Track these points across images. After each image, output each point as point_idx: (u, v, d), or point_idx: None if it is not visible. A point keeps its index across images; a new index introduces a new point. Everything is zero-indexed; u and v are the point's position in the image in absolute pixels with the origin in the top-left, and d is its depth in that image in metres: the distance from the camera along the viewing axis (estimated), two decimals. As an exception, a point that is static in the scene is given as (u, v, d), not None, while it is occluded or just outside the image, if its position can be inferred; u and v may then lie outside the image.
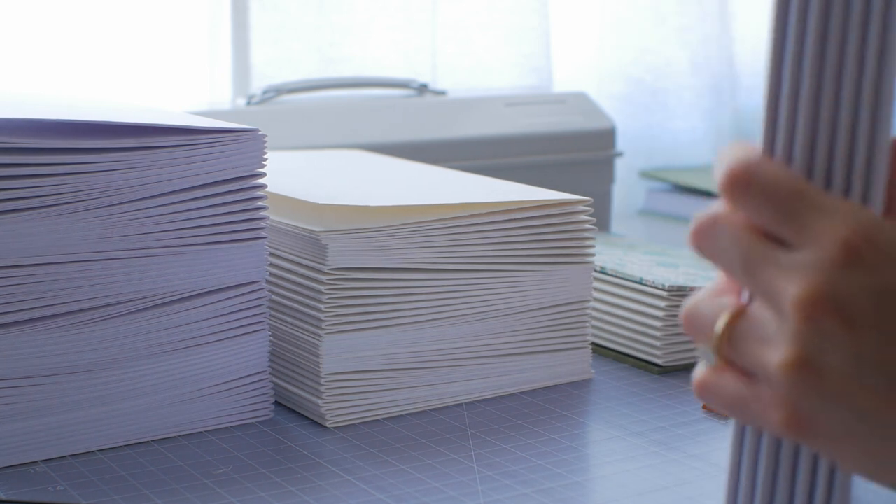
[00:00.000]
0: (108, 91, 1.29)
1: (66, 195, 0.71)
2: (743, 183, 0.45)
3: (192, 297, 0.76)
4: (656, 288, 0.90)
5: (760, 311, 0.45)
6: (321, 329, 0.78)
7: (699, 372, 0.47)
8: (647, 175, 1.56)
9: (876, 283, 0.43)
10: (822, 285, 0.43)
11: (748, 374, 0.46)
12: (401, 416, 0.80)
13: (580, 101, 1.44)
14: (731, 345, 0.46)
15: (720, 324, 0.46)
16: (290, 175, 0.91)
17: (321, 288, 0.77)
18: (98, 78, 1.32)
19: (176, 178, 0.74)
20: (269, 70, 1.40)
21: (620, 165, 1.45)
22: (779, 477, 0.48)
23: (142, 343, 0.75)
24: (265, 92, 1.32)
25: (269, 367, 0.79)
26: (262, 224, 0.77)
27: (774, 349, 0.44)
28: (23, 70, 1.30)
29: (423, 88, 1.40)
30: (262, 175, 0.76)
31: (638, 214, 1.54)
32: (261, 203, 0.77)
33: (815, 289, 0.43)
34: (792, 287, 0.43)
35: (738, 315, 0.46)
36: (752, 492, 0.49)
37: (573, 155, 1.38)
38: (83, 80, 1.30)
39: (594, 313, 0.92)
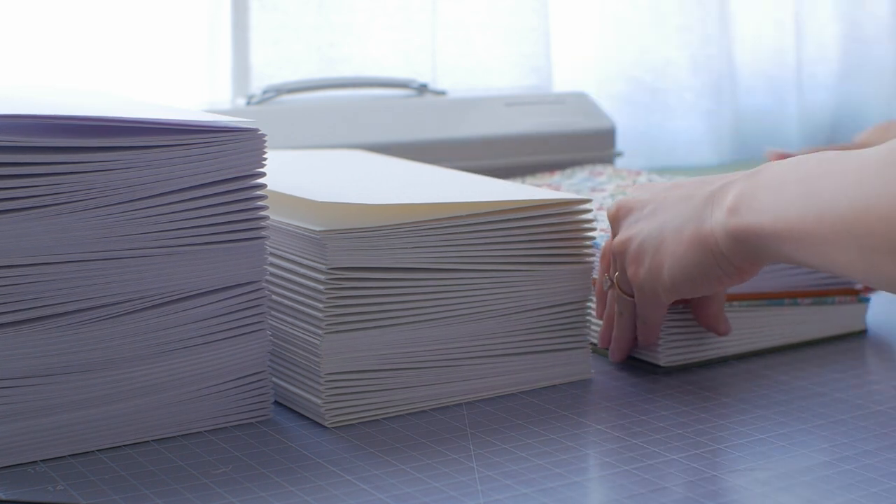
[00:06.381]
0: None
1: (65, 195, 0.71)
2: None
3: (192, 297, 0.76)
4: (656, 288, 0.90)
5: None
6: (321, 329, 0.78)
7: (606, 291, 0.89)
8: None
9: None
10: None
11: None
12: (401, 416, 0.80)
13: (580, 101, 1.44)
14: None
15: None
16: (290, 174, 0.91)
17: (321, 287, 0.77)
18: (98, 78, 1.32)
19: (175, 177, 0.74)
20: (269, 70, 1.40)
21: (620, 165, 1.45)
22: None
23: (142, 343, 0.75)
24: (265, 92, 1.32)
25: (269, 366, 0.79)
26: (262, 224, 0.77)
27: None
28: (23, 71, 1.30)
29: (423, 88, 1.40)
30: (262, 175, 0.76)
31: (638, 214, 1.53)
32: (261, 203, 0.77)
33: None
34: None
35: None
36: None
37: (573, 155, 1.38)
38: (83, 80, 1.30)
39: (594, 313, 0.92)
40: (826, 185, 0.70)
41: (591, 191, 1.16)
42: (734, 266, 0.79)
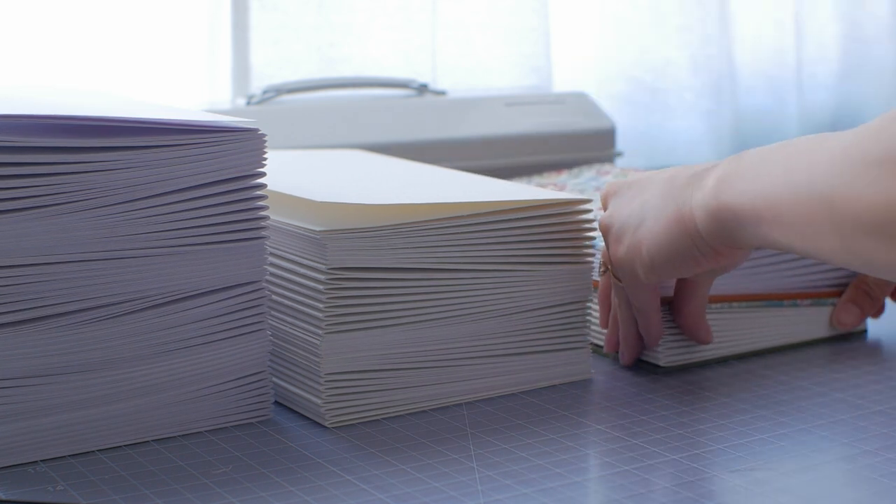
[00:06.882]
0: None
1: (65, 195, 0.71)
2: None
3: (192, 297, 0.76)
4: (656, 288, 0.90)
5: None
6: (321, 329, 0.78)
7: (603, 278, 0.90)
8: (647, 175, 1.56)
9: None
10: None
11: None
12: (401, 416, 0.80)
13: (580, 101, 1.44)
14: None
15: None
16: (290, 174, 0.91)
17: (321, 287, 0.77)
18: (98, 78, 1.32)
19: (175, 177, 0.74)
20: (269, 70, 1.40)
21: (620, 165, 1.45)
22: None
23: (142, 343, 0.75)
24: (265, 92, 1.32)
25: (269, 366, 0.79)
26: (262, 224, 0.77)
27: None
28: (23, 71, 1.30)
29: (423, 88, 1.40)
30: (262, 175, 0.76)
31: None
32: (261, 203, 0.77)
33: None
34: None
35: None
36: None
37: (573, 155, 1.38)
38: (83, 80, 1.30)
39: (594, 313, 0.92)
40: (805, 165, 0.70)
41: (596, 190, 1.16)
42: (710, 247, 0.79)
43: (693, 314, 0.88)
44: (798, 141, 0.73)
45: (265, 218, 0.77)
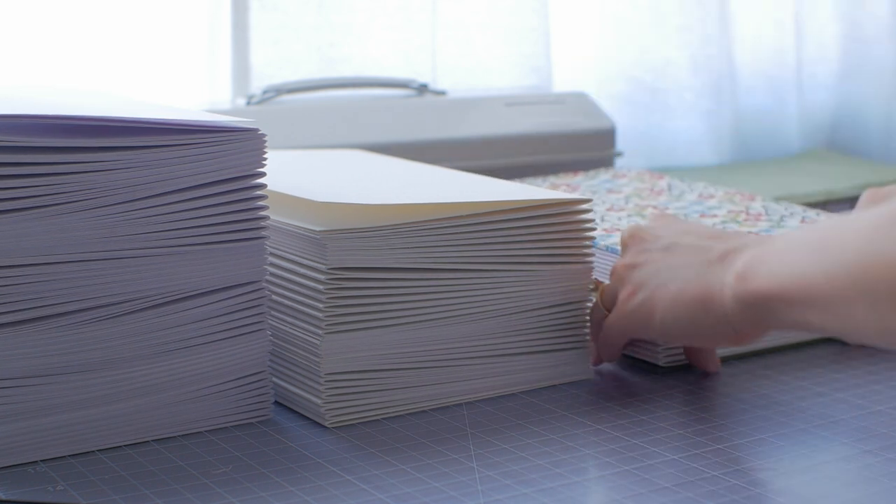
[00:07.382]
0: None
1: (65, 195, 0.71)
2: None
3: (192, 297, 0.76)
4: (656, 288, 0.90)
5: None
6: (321, 329, 0.78)
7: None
8: (647, 175, 1.56)
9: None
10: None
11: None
12: (401, 416, 0.80)
13: (580, 101, 1.44)
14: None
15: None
16: (290, 174, 0.91)
17: (321, 287, 0.77)
18: (98, 78, 1.32)
19: (175, 177, 0.74)
20: (269, 70, 1.40)
21: (620, 165, 1.45)
22: None
23: (142, 343, 0.75)
24: (265, 92, 1.32)
25: (269, 366, 0.79)
26: (262, 224, 0.77)
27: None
28: (23, 71, 1.30)
29: (423, 88, 1.40)
30: (262, 175, 0.76)
31: (638, 214, 1.54)
32: (261, 203, 0.77)
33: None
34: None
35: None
36: None
37: (573, 155, 1.38)
38: (83, 80, 1.30)
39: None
40: (833, 243, 0.69)
41: (608, 192, 1.16)
42: (735, 330, 0.78)
43: (705, 358, 0.88)
44: (826, 221, 0.73)
45: (265, 218, 0.77)
